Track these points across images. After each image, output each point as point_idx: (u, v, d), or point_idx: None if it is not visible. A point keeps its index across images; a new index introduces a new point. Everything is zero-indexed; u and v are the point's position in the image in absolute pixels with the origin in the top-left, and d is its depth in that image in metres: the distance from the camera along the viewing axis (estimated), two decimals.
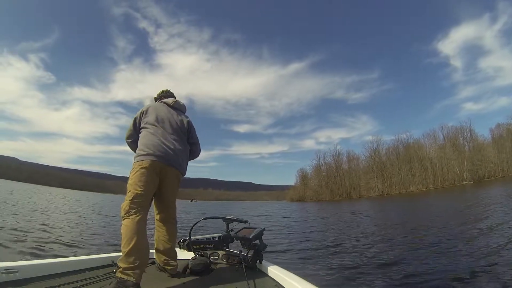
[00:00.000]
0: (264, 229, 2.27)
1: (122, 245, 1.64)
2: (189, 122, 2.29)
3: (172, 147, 2.01)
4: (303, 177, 79.58)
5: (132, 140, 2.18)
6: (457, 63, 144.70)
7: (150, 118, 2.10)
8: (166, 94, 2.45)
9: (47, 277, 1.61)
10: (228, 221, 2.42)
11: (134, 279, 1.54)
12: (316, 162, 77.23)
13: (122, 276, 1.53)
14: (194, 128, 2.35)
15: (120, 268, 1.57)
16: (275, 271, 1.85)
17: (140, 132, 2.11)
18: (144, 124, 2.10)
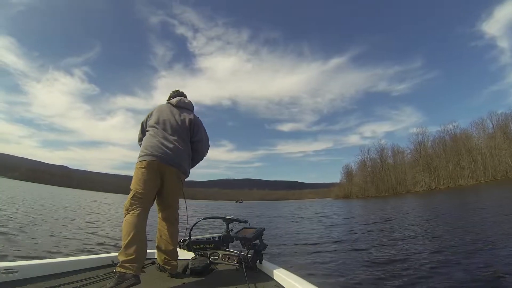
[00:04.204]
0: (264, 229, 2.37)
1: (122, 239, 1.78)
2: (191, 120, 2.35)
3: (170, 146, 2.14)
4: (348, 173, 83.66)
5: (142, 143, 2.34)
6: (504, 44, 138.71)
7: (152, 120, 2.28)
8: (174, 94, 2.58)
9: (47, 277, 1.67)
10: (228, 221, 2.53)
11: (133, 271, 1.65)
12: (361, 158, 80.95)
13: (122, 270, 1.65)
14: (200, 125, 2.41)
15: (119, 262, 1.70)
16: (275, 271, 1.92)
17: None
18: (148, 127, 2.28)
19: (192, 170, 2.49)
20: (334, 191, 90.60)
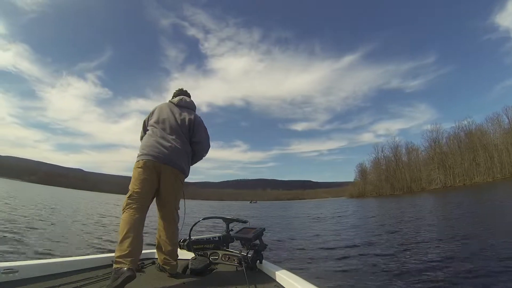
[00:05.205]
0: (264, 229, 2.38)
1: (118, 237, 1.83)
2: (190, 120, 2.33)
3: (167, 145, 2.13)
4: (362, 172, 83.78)
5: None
6: None
7: (152, 119, 2.30)
8: (178, 93, 2.59)
9: (47, 277, 1.67)
10: (228, 221, 2.56)
11: (127, 265, 1.67)
12: (375, 156, 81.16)
13: (117, 265, 1.68)
14: (200, 126, 2.39)
15: (115, 259, 1.73)
16: (275, 271, 1.93)
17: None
18: (149, 126, 2.31)
19: (205, 171, 3.00)
20: (349, 190, 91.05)
